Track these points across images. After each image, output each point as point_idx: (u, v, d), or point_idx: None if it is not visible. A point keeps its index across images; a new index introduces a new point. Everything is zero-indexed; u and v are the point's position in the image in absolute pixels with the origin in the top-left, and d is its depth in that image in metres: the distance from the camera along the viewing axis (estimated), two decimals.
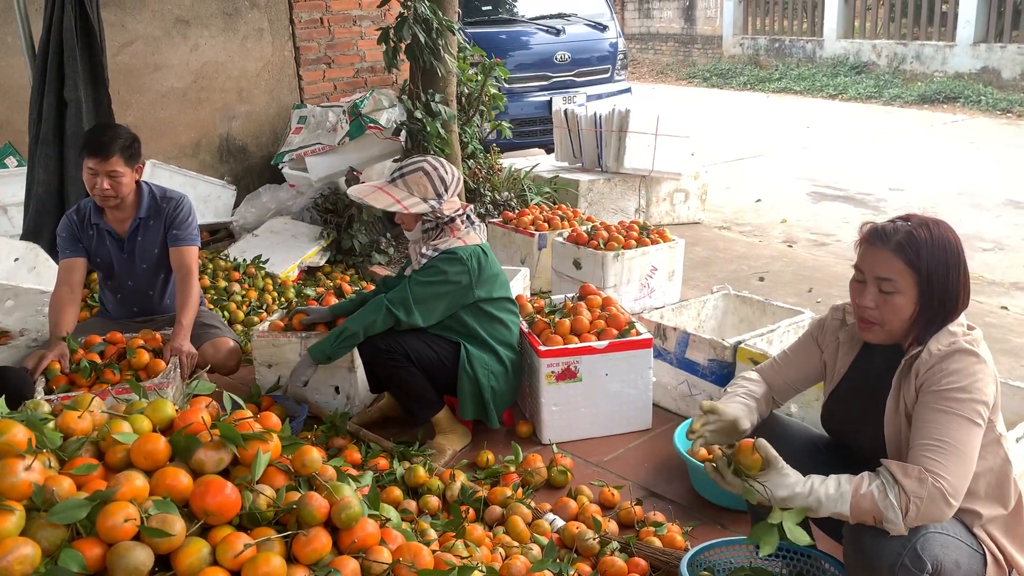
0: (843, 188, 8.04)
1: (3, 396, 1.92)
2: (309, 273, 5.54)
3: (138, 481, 1.66)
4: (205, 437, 1.78)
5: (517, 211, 5.71)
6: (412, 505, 2.86)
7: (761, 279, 5.42)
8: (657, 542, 2.64)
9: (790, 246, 6.27)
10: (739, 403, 2.24)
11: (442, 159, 3.24)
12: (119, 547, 1.55)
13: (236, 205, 6.54)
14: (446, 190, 3.14)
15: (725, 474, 2.04)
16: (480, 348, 3.28)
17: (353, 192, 3.15)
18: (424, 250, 3.17)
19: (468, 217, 3.26)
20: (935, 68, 13.69)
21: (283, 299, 4.95)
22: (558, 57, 8.41)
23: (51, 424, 1.81)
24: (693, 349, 3.46)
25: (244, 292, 4.86)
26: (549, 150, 8.19)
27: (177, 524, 1.60)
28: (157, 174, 6.04)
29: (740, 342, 3.32)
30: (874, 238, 1.99)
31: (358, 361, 3.66)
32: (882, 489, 1.84)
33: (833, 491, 1.89)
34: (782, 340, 3.40)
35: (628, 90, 8.94)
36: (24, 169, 5.15)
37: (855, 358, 2.19)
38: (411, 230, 3.23)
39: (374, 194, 3.14)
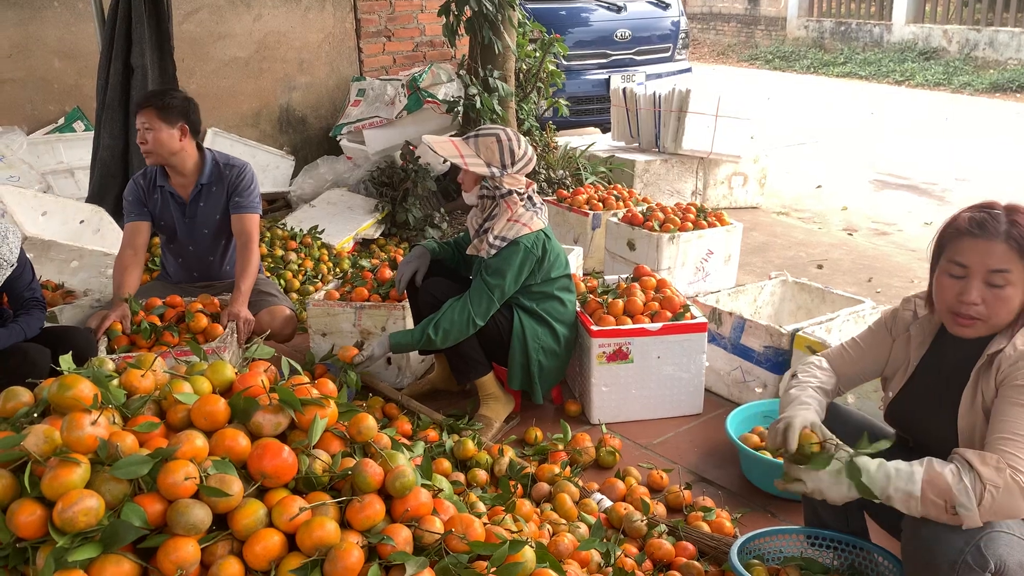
0: (907, 177, 7.82)
1: (69, 354, 1.97)
2: (364, 245, 5.58)
3: (198, 441, 1.69)
4: (264, 400, 1.80)
5: (571, 190, 5.67)
6: (461, 477, 2.88)
7: (819, 267, 5.31)
8: (706, 527, 2.62)
9: (850, 234, 6.13)
10: (812, 404, 2.15)
11: (523, 137, 3.22)
12: (179, 504, 1.58)
13: (294, 175, 6.61)
14: (512, 163, 3.12)
15: (790, 470, 1.96)
16: (535, 321, 3.27)
17: (426, 139, 3.17)
18: (490, 238, 3.15)
19: (530, 199, 3.23)
20: (1009, 55, 13.21)
21: (338, 269, 5.00)
22: (618, 35, 8.30)
23: (115, 381, 1.85)
24: (749, 335, 3.40)
25: (300, 261, 4.92)
26: (605, 129, 8.11)
27: (235, 485, 1.63)
28: (218, 142, 6.14)
29: (798, 329, 3.26)
30: (979, 230, 1.87)
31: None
32: (956, 473, 1.76)
33: (904, 467, 1.81)
34: (841, 329, 3.32)
35: (689, 70, 8.80)
36: (91, 133, 5.27)
37: (926, 353, 2.12)
38: (469, 191, 3.22)
39: (443, 144, 3.15)
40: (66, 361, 1.91)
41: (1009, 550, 1.78)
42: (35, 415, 1.78)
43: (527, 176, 3.24)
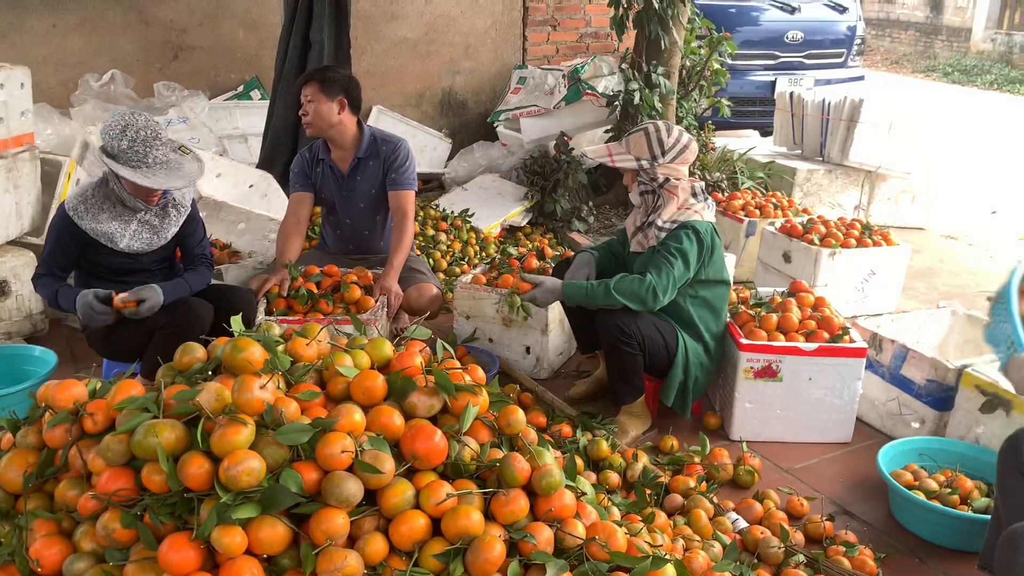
0: None
1: (239, 315, 2.06)
2: (510, 232, 5.62)
3: (356, 415, 1.73)
4: (420, 382, 1.82)
5: (727, 194, 5.51)
6: (592, 478, 2.85)
7: (989, 299, 4.92)
8: (846, 563, 2.49)
9: None
10: None
11: (678, 127, 3.17)
12: (334, 476, 1.62)
13: (450, 158, 6.73)
14: (663, 153, 3.08)
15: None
16: (694, 338, 3.20)
17: (583, 149, 3.19)
18: (659, 223, 3.11)
19: (703, 192, 3.18)
20: None
21: (484, 254, 5.05)
22: (789, 36, 7.99)
23: (282, 347, 1.92)
24: (910, 366, 3.20)
25: (449, 242, 5.01)
26: (764, 133, 7.83)
27: (388, 463, 1.66)
28: (382, 120, 6.33)
29: (967, 366, 3.04)
30: None
31: (552, 324, 3.68)
32: None
33: None
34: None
35: (861, 78, 8.36)
36: (266, 102, 5.52)
37: None
38: (631, 191, 3.21)
39: (597, 149, 3.20)
40: (236, 323, 1.99)
41: None
42: (208, 372, 1.87)
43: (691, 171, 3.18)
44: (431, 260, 4.77)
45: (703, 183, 3.25)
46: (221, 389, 1.70)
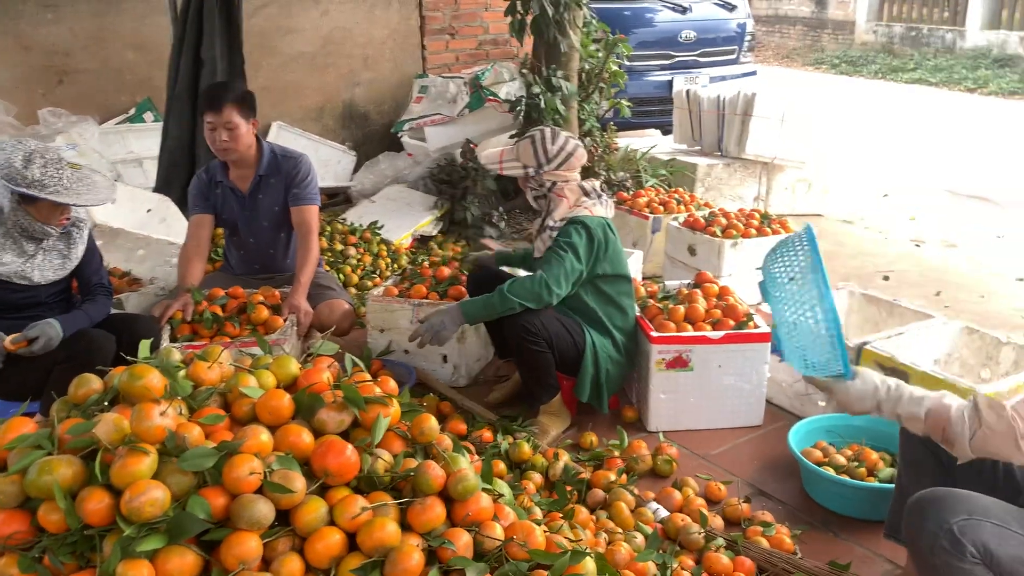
0: (978, 188, 7.57)
1: (150, 341, 1.99)
2: (422, 242, 5.60)
3: (263, 436, 1.69)
4: (328, 397, 1.80)
5: (632, 192, 5.61)
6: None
7: (885, 278, 5.16)
8: (764, 543, 2.56)
9: (918, 245, 5.95)
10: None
11: (565, 133, 3.22)
12: (243, 499, 1.59)
13: (355, 171, 6.66)
14: (548, 161, 3.15)
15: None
16: (601, 334, 3.24)
17: (480, 149, 3.25)
18: (550, 223, 3.16)
19: (595, 190, 3.25)
20: None
21: (396, 265, 5.02)
22: (683, 36, 8.19)
23: (182, 373, 1.87)
24: None
25: (359, 256, 4.95)
26: (666, 131, 8.02)
27: (298, 481, 1.63)
28: (282, 136, 6.23)
29: (865, 343, 3.17)
30: None
31: (469, 332, 3.68)
32: (960, 409, 1.85)
33: (918, 393, 1.94)
34: (912, 345, 3.22)
35: (754, 73, 8.65)
36: (160, 124, 5.37)
37: None
38: (527, 195, 3.30)
39: (489, 154, 3.27)
40: (144, 348, 1.93)
41: (998, 541, 1.75)
42: (105, 403, 1.80)
43: (590, 174, 3.24)
44: (341, 275, 4.71)
45: (596, 182, 3.32)
46: (119, 419, 1.65)
